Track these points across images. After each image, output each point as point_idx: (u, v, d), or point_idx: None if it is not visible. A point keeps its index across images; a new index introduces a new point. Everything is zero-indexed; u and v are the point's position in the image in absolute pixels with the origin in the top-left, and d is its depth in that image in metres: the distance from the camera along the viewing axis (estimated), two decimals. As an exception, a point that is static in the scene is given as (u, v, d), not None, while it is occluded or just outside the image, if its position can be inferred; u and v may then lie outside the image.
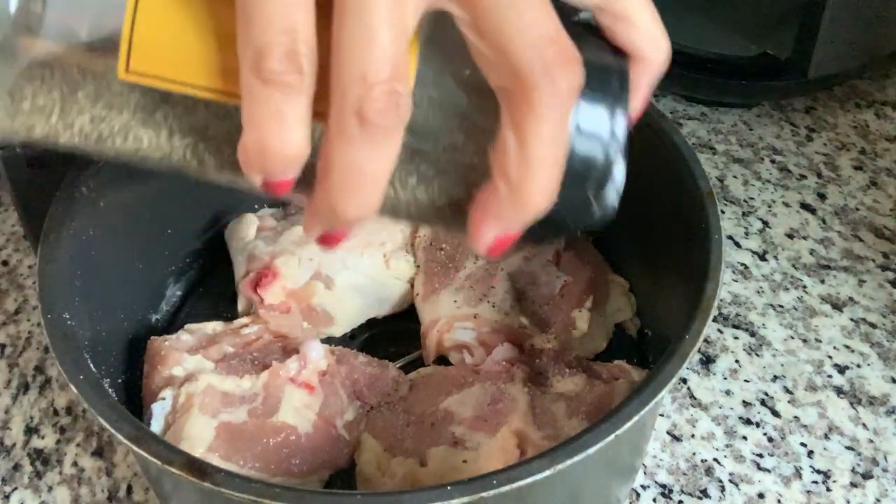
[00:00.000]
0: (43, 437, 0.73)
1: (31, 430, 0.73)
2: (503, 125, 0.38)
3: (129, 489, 0.69)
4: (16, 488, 0.70)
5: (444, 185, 0.41)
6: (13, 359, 0.78)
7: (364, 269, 0.71)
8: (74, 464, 0.71)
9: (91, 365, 0.53)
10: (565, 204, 0.40)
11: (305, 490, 0.52)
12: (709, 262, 0.55)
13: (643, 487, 0.67)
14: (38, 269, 0.57)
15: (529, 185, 0.38)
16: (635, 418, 0.48)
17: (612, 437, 0.47)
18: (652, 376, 0.50)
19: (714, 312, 0.53)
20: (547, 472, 0.46)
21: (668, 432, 0.71)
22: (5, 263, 0.87)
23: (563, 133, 0.38)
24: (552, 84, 0.36)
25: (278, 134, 0.36)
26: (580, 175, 0.40)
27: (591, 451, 0.47)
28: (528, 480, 0.46)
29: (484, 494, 0.45)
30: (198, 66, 0.37)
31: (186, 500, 0.56)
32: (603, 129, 0.40)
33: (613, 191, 0.41)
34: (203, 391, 0.61)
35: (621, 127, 0.40)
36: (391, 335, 0.74)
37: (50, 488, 0.70)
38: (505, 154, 0.38)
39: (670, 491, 0.67)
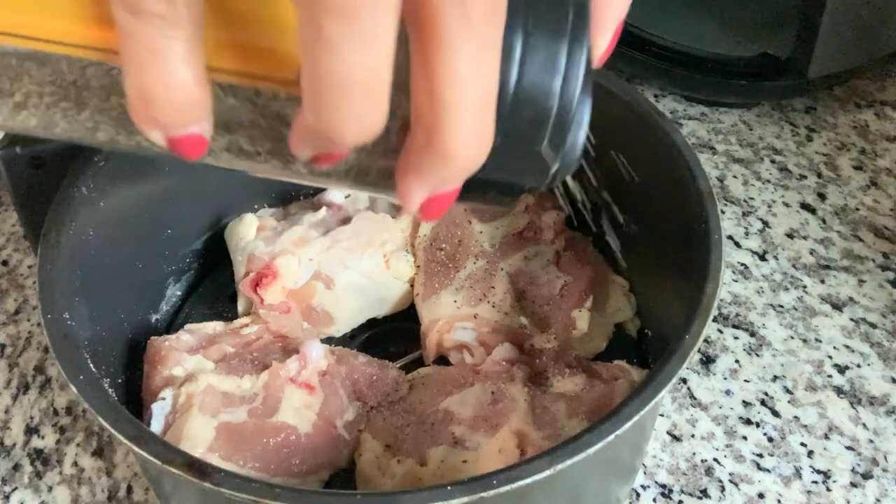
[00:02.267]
0: (43, 437, 0.73)
1: (31, 430, 0.73)
2: (413, 61, 0.32)
3: (129, 489, 0.69)
4: (16, 488, 0.70)
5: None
6: (13, 359, 0.78)
7: (364, 270, 0.71)
8: (74, 464, 0.71)
9: (91, 365, 0.53)
10: (515, 153, 0.35)
11: (305, 490, 0.52)
12: (709, 262, 0.55)
13: (643, 487, 0.67)
14: (38, 269, 0.57)
15: (448, 131, 0.33)
16: (635, 418, 0.48)
17: (612, 437, 0.47)
18: (652, 376, 0.50)
19: (714, 312, 0.53)
20: (547, 472, 0.46)
21: (668, 432, 0.71)
22: (5, 263, 0.87)
23: (486, 69, 0.33)
24: (462, 7, 0.31)
25: (159, 75, 0.32)
26: (529, 119, 0.35)
27: (591, 451, 0.47)
28: (528, 480, 0.46)
29: (484, 494, 0.45)
30: (60, 16, 0.33)
31: (186, 500, 0.56)
32: (552, 66, 0.34)
33: (576, 136, 0.36)
34: (203, 391, 0.61)
35: (579, 64, 0.35)
36: (391, 335, 0.74)
37: (50, 488, 0.70)
38: (417, 96, 0.33)
39: (670, 491, 0.67)
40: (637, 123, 0.65)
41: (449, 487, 0.45)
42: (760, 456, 0.69)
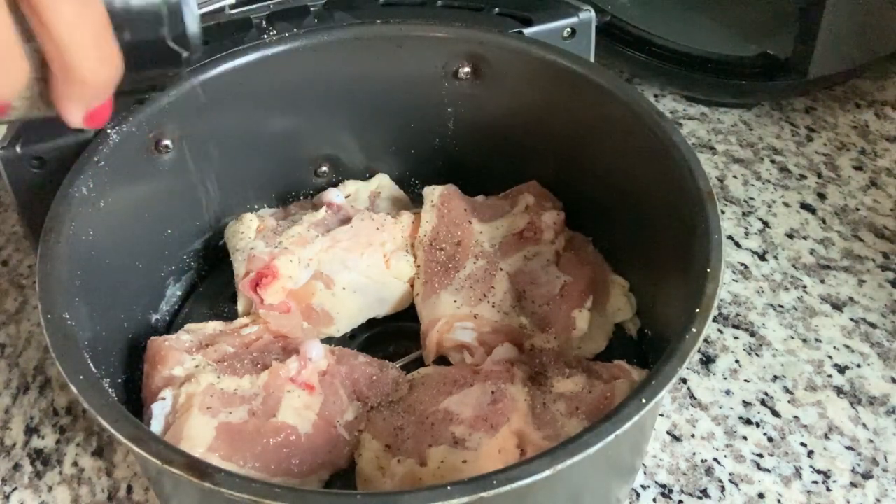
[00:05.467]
0: (43, 437, 0.73)
1: (31, 430, 0.73)
2: (30, 19, 0.40)
3: (129, 489, 0.69)
4: (16, 488, 0.70)
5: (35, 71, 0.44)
6: (13, 359, 0.78)
7: (364, 270, 0.71)
8: (74, 464, 0.71)
9: (91, 365, 0.53)
10: (152, 51, 0.46)
11: (305, 490, 0.52)
12: (709, 263, 0.55)
13: (643, 487, 0.67)
14: (38, 269, 0.57)
15: (76, 66, 0.41)
16: (635, 418, 0.48)
17: (612, 437, 0.47)
18: (652, 376, 0.50)
19: (714, 312, 0.53)
20: (547, 472, 0.46)
21: (668, 432, 0.71)
22: (5, 263, 0.87)
23: (89, 8, 0.41)
24: None
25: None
26: (149, 23, 0.45)
27: (591, 451, 0.47)
28: (528, 480, 0.46)
29: (484, 494, 0.45)
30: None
31: (186, 499, 0.56)
32: None
33: (192, 25, 0.47)
34: (203, 391, 0.61)
35: None
36: (391, 335, 0.74)
37: (50, 488, 0.70)
38: (43, 45, 0.41)
39: (670, 491, 0.67)
40: (637, 123, 0.65)
41: (449, 487, 0.45)
42: (760, 456, 0.69)
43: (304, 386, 0.63)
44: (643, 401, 0.49)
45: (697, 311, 0.53)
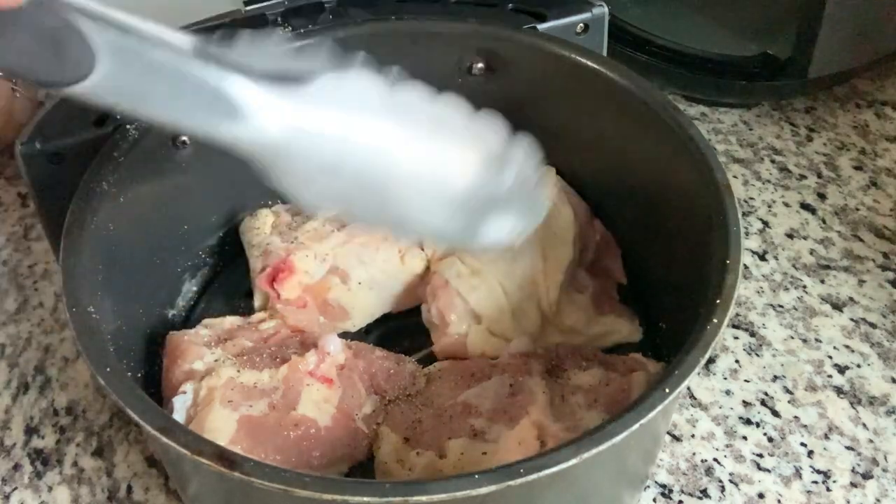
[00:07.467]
0: (43, 437, 0.73)
1: (31, 430, 0.73)
2: None
3: (129, 489, 0.69)
4: (16, 488, 0.69)
5: None
6: (13, 359, 0.78)
7: (379, 265, 0.72)
8: (74, 464, 0.71)
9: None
10: None
11: (335, 479, 0.52)
12: (728, 254, 0.56)
13: (643, 487, 0.68)
14: (62, 263, 0.57)
15: None
16: (659, 407, 0.48)
17: (636, 426, 0.48)
18: (675, 366, 0.50)
19: (734, 303, 0.53)
20: (573, 461, 0.46)
21: (668, 432, 0.71)
22: (5, 263, 0.86)
23: None
24: None
25: None
26: None
27: (617, 439, 0.47)
28: (556, 469, 0.46)
29: (511, 483, 0.45)
30: None
31: (208, 489, 0.56)
32: None
33: None
34: (224, 384, 0.61)
35: None
36: (406, 330, 0.74)
37: (50, 488, 0.69)
38: None
39: (670, 491, 0.67)
40: (653, 118, 0.66)
41: (476, 476, 0.45)
42: (760, 456, 0.69)
43: (323, 380, 0.63)
44: (667, 390, 0.49)
45: (718, 301, 0.53)
